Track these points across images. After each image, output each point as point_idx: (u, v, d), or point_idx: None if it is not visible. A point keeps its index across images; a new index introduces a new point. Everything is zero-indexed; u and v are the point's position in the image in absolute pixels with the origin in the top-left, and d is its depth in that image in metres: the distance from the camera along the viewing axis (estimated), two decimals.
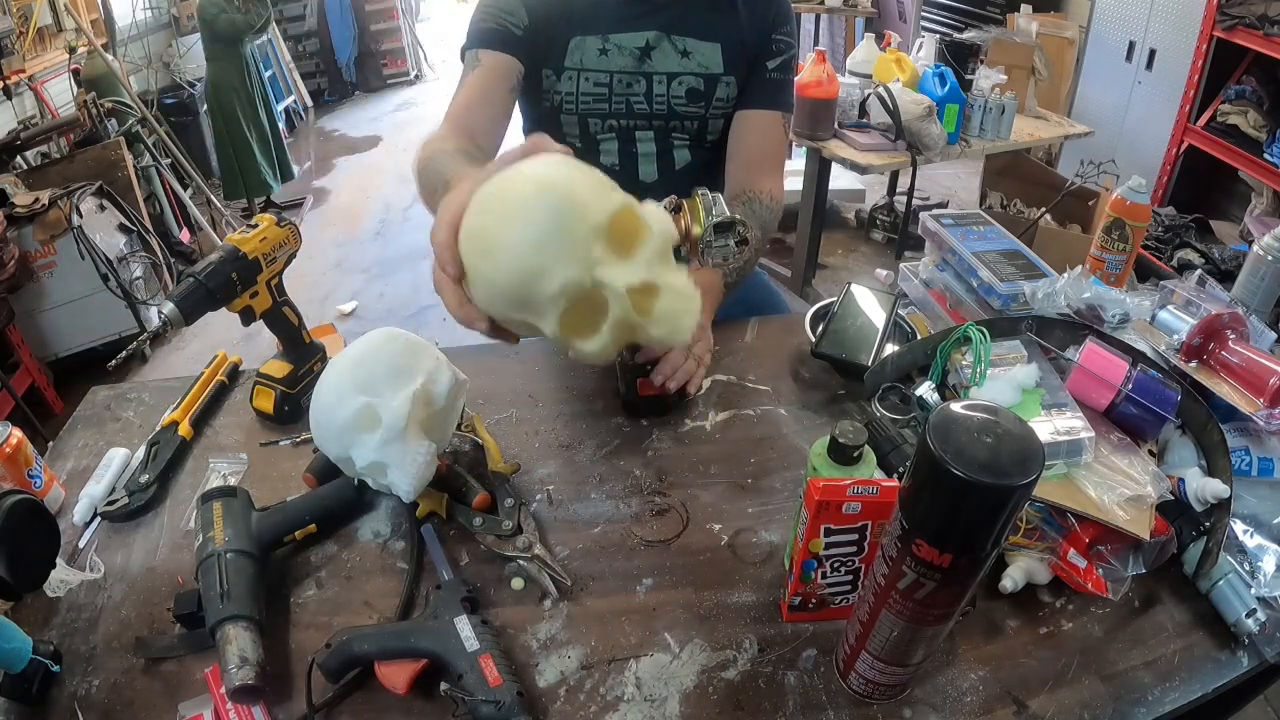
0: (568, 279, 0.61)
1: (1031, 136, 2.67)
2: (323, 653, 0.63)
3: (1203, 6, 2.86)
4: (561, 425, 0.93)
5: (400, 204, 4.18)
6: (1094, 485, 0.71)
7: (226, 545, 0.70)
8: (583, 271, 0.61)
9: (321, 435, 0.77)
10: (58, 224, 2.49)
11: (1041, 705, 0.63)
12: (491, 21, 1.06)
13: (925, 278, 1.09)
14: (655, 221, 0.68)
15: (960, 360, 0.85)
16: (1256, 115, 2.87)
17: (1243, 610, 0.68)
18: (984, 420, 0.48)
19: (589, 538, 0.78)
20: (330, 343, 1.00)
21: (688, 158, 1.19)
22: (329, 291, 3.33)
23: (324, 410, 0.75)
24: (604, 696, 0.64)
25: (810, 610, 0.69)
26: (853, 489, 0.59)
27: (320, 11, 5.74)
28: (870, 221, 3.54)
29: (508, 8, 1.06)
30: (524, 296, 0.62)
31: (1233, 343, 0.85)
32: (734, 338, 1.08)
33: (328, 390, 0.76)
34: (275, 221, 0.88)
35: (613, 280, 0.62)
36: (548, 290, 0.61)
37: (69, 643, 0.69)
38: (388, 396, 0.73)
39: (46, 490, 0.82)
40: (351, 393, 0.74)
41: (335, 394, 0.75)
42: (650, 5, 1.08)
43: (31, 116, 3.16)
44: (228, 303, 0.83)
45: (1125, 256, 1.06)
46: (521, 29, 1.06)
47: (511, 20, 1.06)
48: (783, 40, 1.14)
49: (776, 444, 0.90)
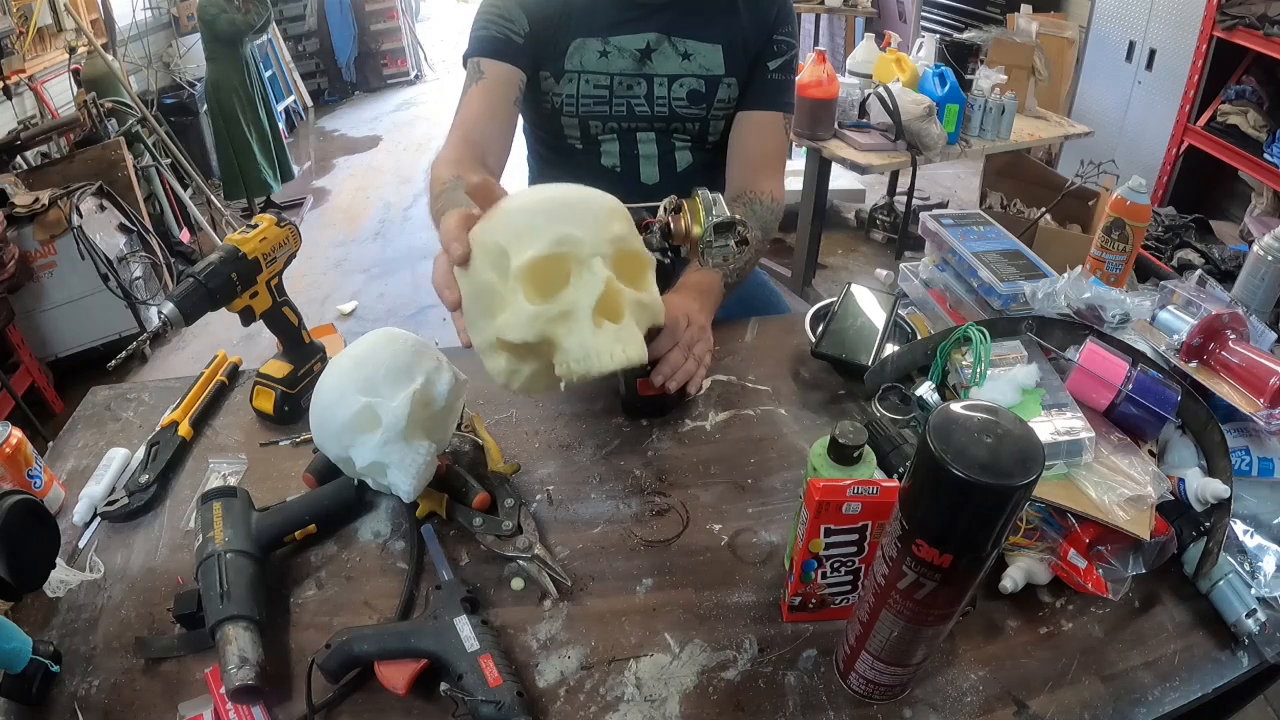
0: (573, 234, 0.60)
1: (1031, 136, 2.67)
2: (323, 653, 0.63)
3: (1203, 6, 2.86)
4: (561, 425, 0.93)
5: (400, 204, 4.18)
6: (1094, 485, 0.71)
7: (226, 545, 0.70)
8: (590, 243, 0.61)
9: (321, 435, 0.77)
10: (58, 224, 2.49)
11: (1041, 705, 0.63)
12: (493, 29, 1.06)
13: (925, 278, 1.09)
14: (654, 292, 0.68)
15: (960, 360, 0.85)
16: (1256, 115, 2.86)
17: (1243, 610, 0.68)
18: (984, 420, 0.48)
19: (589, 538, 0.78)
20: (330, 343, 1.00)
21: (689, 159, 1.19)
22: (329, 291, 3.33)
23: (324, 410, 0.75)
24: (604, 697, 0.64)
25: (810, 610, 0.69)
26: (853, 489, 0.59)
27: (320, 11, 5.74)
28: (870, 221, 3.54)
29: (508, 14, 1.06)
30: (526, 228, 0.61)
31: (1233, 343, 0.85)
32: (734, 338, 1.08)
33: (328, 390, 0.76)
34: (275, 221, 0.88)
35: (600, 269, 0.62)
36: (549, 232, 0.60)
37: (69, 643, 0.69)
38: (388, 397, 0.73)
39: (46, 490, 0.82)
40: (352, 393, 0.74)
41: (335, 394, 0.75)
42: (650, 7, 1.08)
43: (31, 116, 3.16)
44: (228, 303, 0.83)
45: (1125, 256, 1.06)
46: (522, 35, 1.06)
47: (512, 27, 1.06)
48: (784, 41, 1.14)
49: (776, 444, 0.90)
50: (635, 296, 0.65)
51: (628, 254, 0.64)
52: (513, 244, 0.60)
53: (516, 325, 0.61)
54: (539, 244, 0.59)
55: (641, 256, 0.66)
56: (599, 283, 0.61)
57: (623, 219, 0.65)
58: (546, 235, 0.59)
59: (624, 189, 1.23)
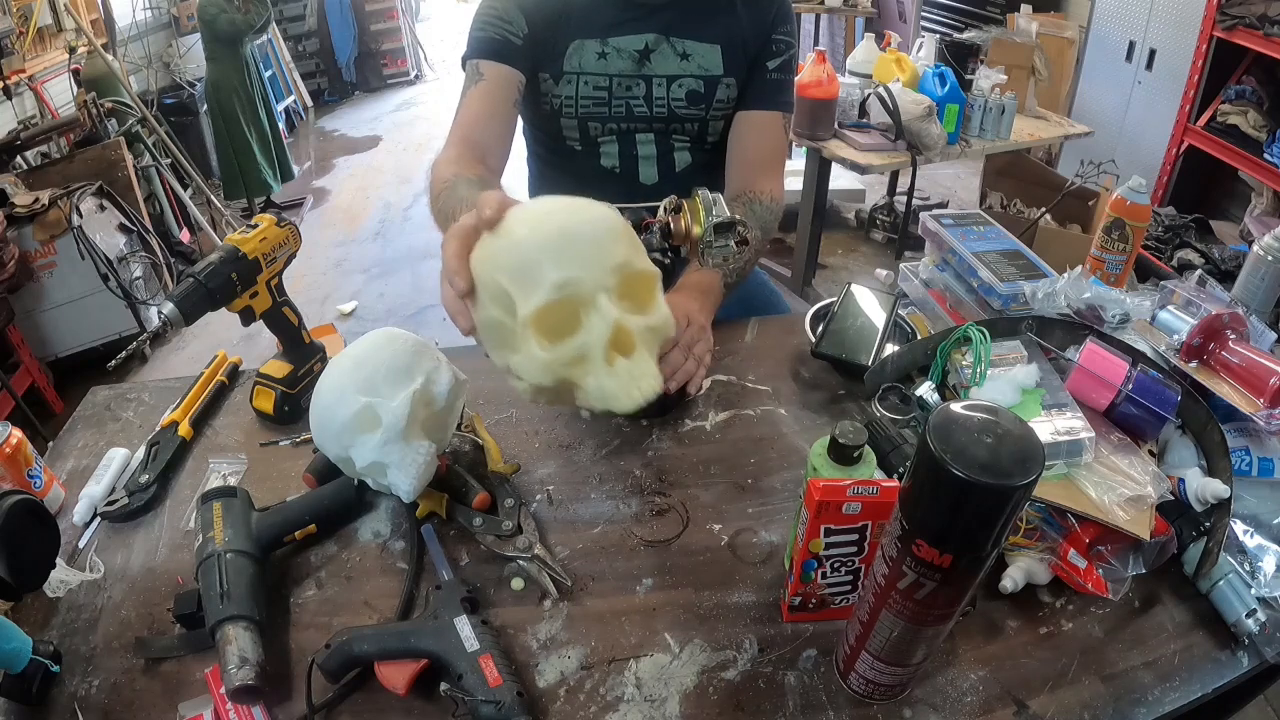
0: (574, 276, 0.59)
1: (1031, 136, 2.67)
2: (323, 653, 0.63)
3: (1203, 6, 2.86)
4: (561, 425, 0.93)
5: (400, 204, 4.18)
6: (1094, 485, 0.71)
7: (226, 545, 0.70)
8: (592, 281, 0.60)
9: (321, 435, 0.77)
10: (58, 224, 2.49)
11: (1041, 705, 0.63)
12: (491, 31, 1.06)
13: (925, 278, 1.09)
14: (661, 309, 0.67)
15: (960, 360, 0.85)
16: (1256, 115, 2.87)
17: (1243, 610, 0.68)
18: (984, 420, 0.48)
19: (589, 538, 0.78)
20: (330, 343, 1.00)
21: (688, 159, 1.19)
22: (329, 291, 3.33)
23: (324, 410, 0.75)
24: (604, 696, 0.64)
25: (810, 610, 0.69)
26: (853, 489, 0.59)
27: (320, 11, 5.74)
28: (870, 221, 3.54)
29: (506, 15, 1.05)
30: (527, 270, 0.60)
31: (1233, 343, 0.85)
32: (734, 338, 1.08)
33: (327, 390, 0.76)
34: (275, 221, 0.88)
35: (607, 308, 0.61)
36: (550, 276, 0.59)
37: (69, 643, 0.69)
38: (388, 396, 0.73)
39: (46, 490, 0.82)
40: (352, 393, 0.74)
41: (335, 394, 0.75)
42: (649, 7, 1.08)
43: (31, 116, 3.16)
44: (228, 303, 0.83)
45: (1125, 256, 1.06)
46: (521, 37, 1.06)
47: (510, 29, 1.05)
48: (783, 40, 1.14)
49: (776, 444, 0.90)
50: (644, 323, 0.64)
51: (632, 276, 0.64)
52: (515, 288, 0.60)
53: (532, 371, 0.62)
54: (542, 292, 0.59)
55: (646, 274, 0.65)
56: (607, 324, 0.61)
57: (624, 239, 0.64)
58: (549, 280, 0.59)
59: (623, 189, 1.23)
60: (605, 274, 0.61)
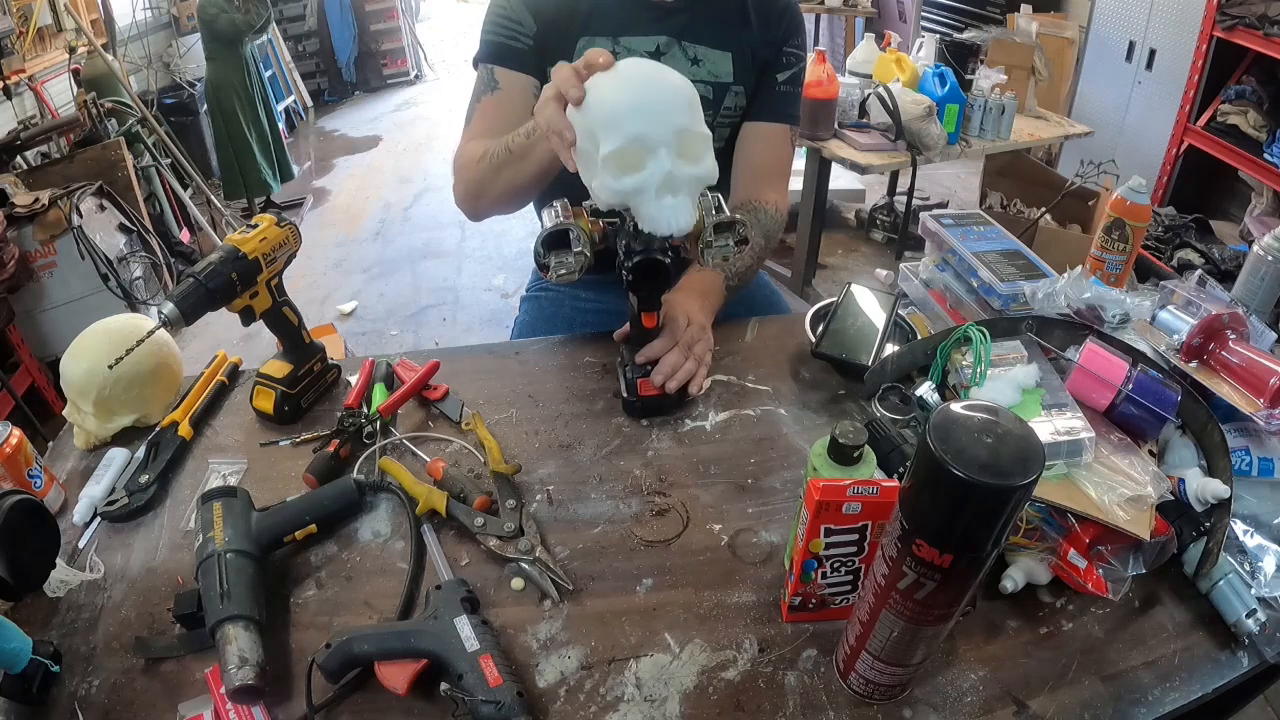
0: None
1: (1031, 136, 2.67)
2: (323, 653, 0.63)
3: (1203, 6, 2.86)
4: (561, 425, 0.93)
5: (400, 204, 4.18)
6: (1094, 485, 0.71)
7: (226, 545, 0.70)
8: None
9: (637, 105, 0.77)
10: (58, 224, 2.49)
11: (1041, 705, 0.63)
12: (501, 35, 1.06)
13: (925, 278, 1.09)
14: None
15: (960, 360, 0.85)
16: (1256, 115, 2.86)
17: (1243, 610, 0.68)
18: (984, 420, 0.48)
19: (589, 538, 0.79)
20: (330, 343, 1.00)
21: None
22: (329, 291, 3.32)
23: (648, 80, 0.78)
24: (604, 697, 0.64)
25: (810, 610, 0.69)
26: (853, 489, 0.59)
27: (320, 11, 5.73)
28: (870, 221, 3.53)
29: (515, 16, 1.05)
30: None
31: (1233, 343, 0.85)
32: (734, 338, 1.08)
33: (650, 67, 0.80)
34: (275, 221, 0.88)
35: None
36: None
37: (69, 643, 0.69)
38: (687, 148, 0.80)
39: (46, 490, 0.82)
40: (675, 95, 0.79)
41: (660, 72, 0.79)
42: (663, 9, 1.08)
43: (31, 116, 3.16)
44: (228, 303, 0.83)
45: (1125, 256, 1.06)
46: (531, 37, 1.05)
47: (521, 30, 1.05)
48: (793, 53, 1.14)
49: (776, 444, 0.90)
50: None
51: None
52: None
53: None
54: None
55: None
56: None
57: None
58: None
59: None
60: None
